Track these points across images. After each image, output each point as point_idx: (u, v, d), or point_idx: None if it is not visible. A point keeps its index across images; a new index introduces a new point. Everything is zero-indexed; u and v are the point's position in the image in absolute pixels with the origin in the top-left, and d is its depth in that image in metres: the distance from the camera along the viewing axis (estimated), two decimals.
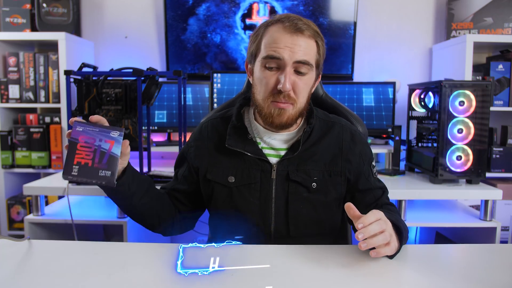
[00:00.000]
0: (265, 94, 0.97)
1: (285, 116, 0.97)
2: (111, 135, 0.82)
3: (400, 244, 0.88)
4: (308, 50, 0.95)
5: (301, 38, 0.94)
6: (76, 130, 0.82)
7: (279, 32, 0.94)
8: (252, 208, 1.01)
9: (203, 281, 0.75)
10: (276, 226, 1.01)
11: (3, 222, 2.27)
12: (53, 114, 2.27)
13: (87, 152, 0.81)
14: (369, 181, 1.07)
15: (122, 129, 0.85)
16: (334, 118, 1.12)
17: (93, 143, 0.82)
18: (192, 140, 1.11)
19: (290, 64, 0.93)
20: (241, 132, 1.03)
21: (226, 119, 1.08)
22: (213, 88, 2.24)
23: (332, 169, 1.03)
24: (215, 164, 1.04)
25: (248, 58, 1.04)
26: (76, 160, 0.81)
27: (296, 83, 0.95)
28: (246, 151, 1.01)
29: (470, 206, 2.04)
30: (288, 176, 1.01)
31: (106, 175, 0.82)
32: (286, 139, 1.04)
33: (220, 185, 1.03)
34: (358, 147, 1.07)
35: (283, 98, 0.95)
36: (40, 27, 2.26)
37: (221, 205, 1.04)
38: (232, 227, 1.04)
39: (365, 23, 2.49)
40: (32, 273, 0.79)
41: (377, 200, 1.07)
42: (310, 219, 1.02)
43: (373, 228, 0.80)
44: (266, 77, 0.96)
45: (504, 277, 0.78)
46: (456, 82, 1.76)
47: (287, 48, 0.93)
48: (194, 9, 2.41)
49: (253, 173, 1.01)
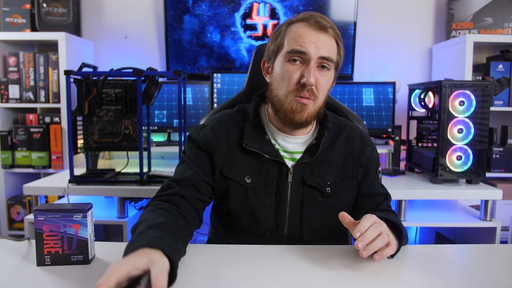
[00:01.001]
0: (288, 88, 0.95)
1: (305, 112, 0.95)
2: (74, 218, 0.81)
3: (400, 242, 0.87)
4: (331, 48, 0.95)
5: (325, 35, 0.94)
6: (38, 220, 0.81)
7: (305, 28, 0.94)
8: (267, 210, 1.00)
9: (205, 280, 0.75)
10: (289, 230, 1.01)
11: (3, 222, 2.27)
12: (53, 114, 2.27)
13: (54, 241, 0.81)
14: (373, 186, 1.07)
15: (84, 209, 0.82)
16: (344, 121, 1.11)
17: (58, 231, 0.81)
18: (209, 130, 1.03)
19: (314, 59, 0.93)
20: (259, 132, 1.02)
21: (244, 117, 1.05)
22: (213, 88, 2.24)
23: (344, 173, 1.03)
24: (232, 160, 1.01)
25: (267, 55, 1.02)
26: (46, 250, 0.81)
27: (319, 79, 0.94)
28: (264, 152, 0.99)
29: (470, 206, 2.04)
30: (303, 180, 1.00)
31: (78, 259, 0.82)
32: (300, 142, 1.03)
33: (236, 183, 1.00)
34: (368, 151, 1.07)
35: (306, 92, 0.93)
36: (40, 27, 2.26)
37: (234, 205, 1.01)
38: (243, 228, 1.02)
39: (365, 23, 2.49)
40: (32, 273, 0.78)
41: (378, 206, 1.06)
42: (324, 224, 1.02)
43: (371, 233, 0.79)
44: (290, 71, 0.94)
45: (504, 277, 0.78)
46: (456, 82, 1.76)
47: (313, 43, 0.93)
48: (194, 9, 2.41)
49: (270, 175, 1.00)
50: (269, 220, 1.00)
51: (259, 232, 1.01)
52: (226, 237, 1.07)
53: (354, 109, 2.25)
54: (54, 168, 2.23)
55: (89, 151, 1.79)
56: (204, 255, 0.87)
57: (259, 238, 1.01)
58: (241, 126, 1.03)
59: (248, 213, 1.00)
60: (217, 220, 1.11)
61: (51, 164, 2.24)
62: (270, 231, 1.00)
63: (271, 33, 1.02)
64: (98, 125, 1.70)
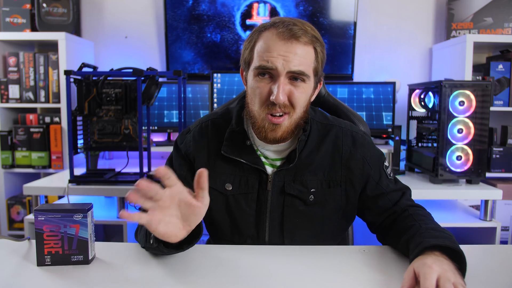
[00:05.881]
0: (259, 104, 0.90)
1: (279, 131, 0.90)
2: (75, 218, 0.81)
3: (460, 264, 0.75)
4: (304, 59, 0.87)
5: (296, 45, 0.86)
6: (38, 220, 0.81)
7: (272, 39, 0.87)
8: (248, 218, 0.97)
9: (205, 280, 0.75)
10: (270, 238, 0.97)
11: (3, 222, 2.27)
12: (53, 114, 2.27)
13: (55, 241, 0.81)
14: (380, 185, 0.99)
15: (84, 209, 0.82)
16: (334, 120, 1.03)
17: (59, 231, 0.81)
18: (191, 138, 1.02)
19: (283, 74, 0.86)
20: (240, 138, 0.97)
21: (227, 121, 1.01)
22: (213, 88, 2.24)
23: (331, 178, 0.97)
24: (213, 168, 0.97)
25: (242, 65, 0.97)
26: (46, 250, 0.81)
27: (292, 92, 0.88)
28: (243, 159, 0.95)
29: (470, 206, 2.04)
30: (284, 189, 0.95)
31: (79, 259, 0.82)
32: (280, 150, 0.97)
33: (216, 191, 0.97)
34: (360, 151, 0.98)
35: (278, 108, 0.88)
36: (40, 27, 2.26)
37: (216, 212, 0.99)
38: (226, 236, 1.00)
39: (365, 23, 2.49)
40: (32, 273, 0.78)
41: (395, 205, 0.98)
42: (306, 233, 0.98)
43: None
44: (259, 87, 0.89)
45: (504, 278, 0.78)
46: (456, 82, 1.76)
47: (280, 56, 0.86)
48: (194, 9, 2.41)
49: (251, 182, 0.96)
50: (250, 229, 0.97)
51: (240, 240, 0.98)
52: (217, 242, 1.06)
53: (354, 109, 2.25)
54: (54, 168, 2.23)
55: (89, 151, 1.79)
56: (204, 255, 0.87)
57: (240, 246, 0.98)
58: (223, 132, 0.99)
59: (229, 221, 0.98)
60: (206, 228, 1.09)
61: (51, 164, 2.24)
62: (252, 239, 0.98)
63: (245, 40, 0.95)
64: (98, 125, 1.70)
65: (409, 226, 0.89)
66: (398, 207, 0.98)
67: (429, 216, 0.95)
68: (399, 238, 0.89)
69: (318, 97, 1.27)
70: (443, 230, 0.85)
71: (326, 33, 2.42)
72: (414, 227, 0.87)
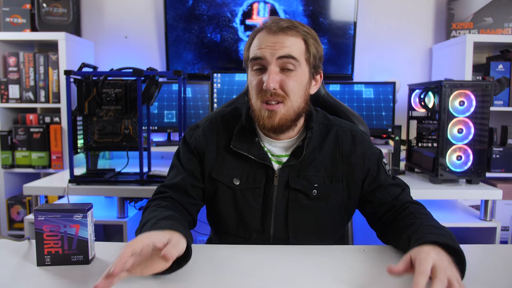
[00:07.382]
0: (256, 96, 0.96)
1: (276, 117, 0.94)
2: (75, 218, 0.82)
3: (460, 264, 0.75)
4: (292, 48, 0.92)
5: (283, 37, 0.92)
6: (38, 220, 0.81)
7: (263, 35, 0.94)
8: (254, 213, 1.00)
9: (205, 280, 0.75)
10: (275, 233, 1.00)
11: (3, 222, 2.27)
12: (53, 114, 2.27)
13: (55, 241, 0.81)
14: (379, 179, 1.03)
15: (84, 209, 0.82)
16: (334, 120, 1.08)
17: (59, 231, 0.81)
18: (200, 133, 1.05)
19: (273, 61, 0.92)
20: (248, 133, 1.01)
21: (236, 118, 1.05)
22: (213, 88, 2.24)
23: (333, 174, 1.01)
24: (221, 162, 1.01)
25: (244, 65, 1.04)
26: (46, 250, 0.81)
27: (284, 80, 0.93)
28: (251, 154, 0.99)
29: (470, 206, 2.04)
30: (288, 184, 0.99)
31: (79, 259, 0.82)
32: (286, 146, 1.02)
33: (224, 186, 1.01)
34: (360, 148, 1.03)
35: (270, 96, 0.93)
36: (40, 27, 2.26)
37: (223, 207, 1.02)
38: (231, 230, 1.03)
39: (365, 23, 2.49)
40: (32, 273, 0.78)
41: (395, 199, 1.01)
42: (310, 226, 1.01)
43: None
44: (254, 79, 0.96)
45: (504, 278, 0.78)
46: (456, 82, 1.76)
47: (268, 47, 0.92)
48: (194, 9, 2.41)
49: (258, 177, 1.00)
50: (256, 223, 1.00)
51: (246, 234, 1.01)
52: (216, 239, 1.09)
53: (354, 109, 2.25)
54: (54, 168, 2.23)
55: (89, 151, 1.79)
56: (204, 255, 0.87)
57: (246, 240, 1.01)
58: (232, 128, 1.03)
59: (235, 215, 1.01)
60: (209, 221, 1.12)
61: (51, 164, 2.24)
62: (256, 233, 1.01)
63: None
64: (98, 125, 1.70)
65: (411, 223, 0.91)
66: (397, 202, 1.01)
67: (430, 215, 0.97)
68: (400, 235, 0.90)
69: (318, 97, 1.28)
70: (444, 229, 0.86)
71: (326, 33, 2.42)
72: (416, 224, 0.89)
